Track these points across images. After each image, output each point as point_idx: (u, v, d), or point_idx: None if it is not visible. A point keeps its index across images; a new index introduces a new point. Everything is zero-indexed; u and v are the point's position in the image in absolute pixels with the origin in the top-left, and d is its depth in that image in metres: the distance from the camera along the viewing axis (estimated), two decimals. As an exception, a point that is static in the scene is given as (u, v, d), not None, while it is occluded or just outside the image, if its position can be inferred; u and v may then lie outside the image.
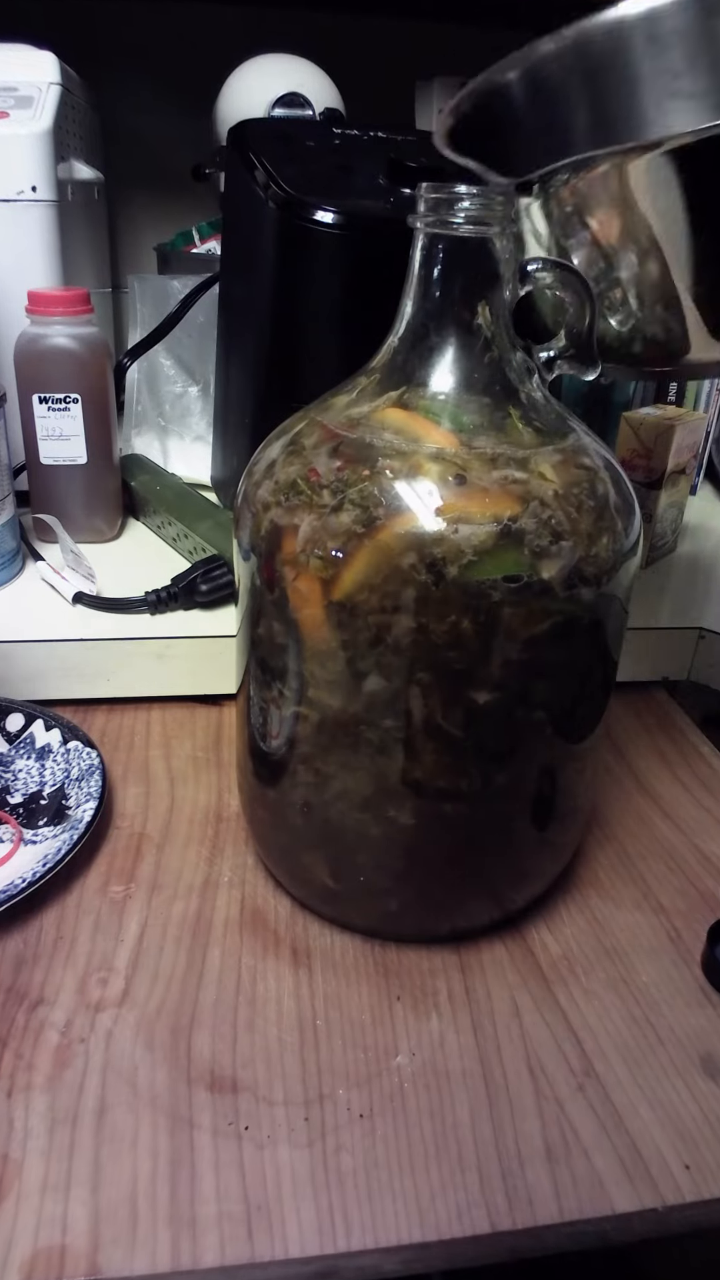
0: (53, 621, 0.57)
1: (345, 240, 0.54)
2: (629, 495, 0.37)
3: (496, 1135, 0.33)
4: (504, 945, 0.41)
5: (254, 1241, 0.30)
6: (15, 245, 0.66)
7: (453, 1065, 0.36)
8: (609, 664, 0.39)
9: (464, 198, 0.33)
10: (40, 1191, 0.31)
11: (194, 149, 0.94)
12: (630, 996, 0.39)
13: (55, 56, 0.70)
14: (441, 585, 0.32)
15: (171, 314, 0.76)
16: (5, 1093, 0.34)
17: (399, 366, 0.36)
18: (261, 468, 0.37)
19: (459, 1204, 0.31)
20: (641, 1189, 0.32)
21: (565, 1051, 0.36)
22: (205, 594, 0.58)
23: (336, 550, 0.33)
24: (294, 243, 0.55)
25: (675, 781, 0.53)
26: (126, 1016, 0.37)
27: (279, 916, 0.42)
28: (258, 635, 0.38)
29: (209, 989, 0.38)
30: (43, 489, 0.66)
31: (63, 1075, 0.34)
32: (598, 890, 0.45)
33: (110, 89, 0.92)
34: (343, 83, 0.84)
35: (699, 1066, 0.36)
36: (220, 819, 0.48)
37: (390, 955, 0.40)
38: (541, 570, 0.33)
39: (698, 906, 0.44)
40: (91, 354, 0.62)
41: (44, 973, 0.39)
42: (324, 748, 0.37)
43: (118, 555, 0.67)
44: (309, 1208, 0.30)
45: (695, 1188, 0.32)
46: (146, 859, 0.45)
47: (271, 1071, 0.35)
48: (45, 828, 0.46)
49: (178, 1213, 0.30)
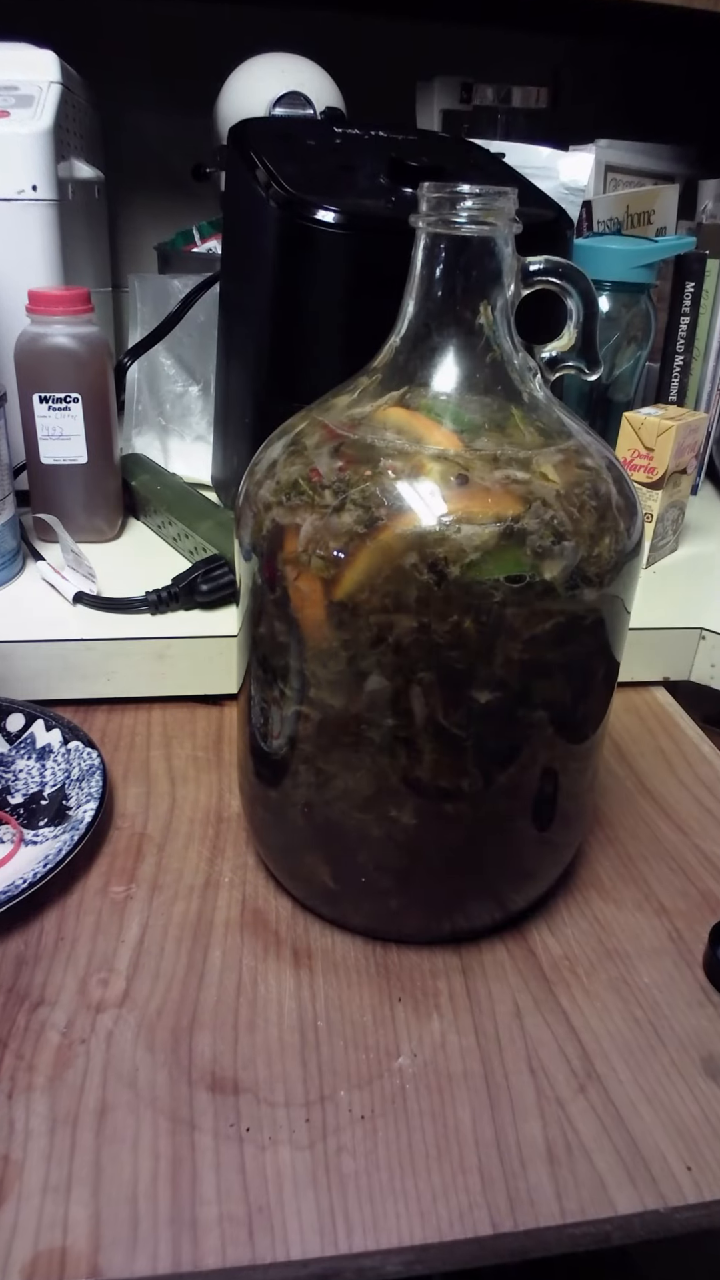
0: (53, 621, 0.57)
1: (346, 240, 0.54)
2: (631, 495, 0.37)
3: (498, 1136, 0.33)
4: (505, 946, 0.41)
5: (255, 1243, 0.29)
6: (15, 245, 0.66)
7: (454, 1066, 0.36)
8: (611, 664, 0.39)
9: (466, 197, 0.33)
10: (41, 1193, 0.30)
11: (194, 149, 0.94)
12: (631, 997, 0.39)
13: (55, 56, 0.70)
14: (443, 585, 0.32)
15: (172, 314, 0.75)
16: (6, 1094, 0.34)
17: (401, 366, 0.36)
18: (263, 467, 0.37)
19: (460, 1205, 0.31)
20: (643, 1190, 0.31)
21: (566, 1052, 0.36)
22: (206, 594, 0.58)
23: (338, 550, 0.33)
24: (294, 242, 0.55)
25: (676, 782, 0.53)
26: (127, 1017, 0.37)
27: (280, 917, 0.42)
28: (259, 635, 0.38)
29: (210, 990, 0.38)
30: (43, 489, 0.66)
31: (63, 1076, 0.34)
32: (599, 891, 0.45)
33: (110, 89, 0.92)
34: (343, 82, 0.84)
35: (700, 1067, 0.36)
36: (221, 819, 0.48)
37: (391, 956, 0.40)
38: (544, 570, 0.33)
39: (699, 907, 0.44)
40: (92, 354, 0.62)
41: (45, 973, 0.39)
42: (325, 747, 0.37)
43: (118, 555, 0.67)
44: (310, 1209, 0.30)
45: (697, 1189, 0.32)
46: (147, 859, 0.45)
47: (273, 1073, 0.35)
48: (46, 828, 0.45)
49: (179, 1214, 0.30)
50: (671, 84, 1.04)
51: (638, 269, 0.70)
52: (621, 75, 1.06)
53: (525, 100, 0.95)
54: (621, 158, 0.89)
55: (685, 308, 0.81)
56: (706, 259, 0.79)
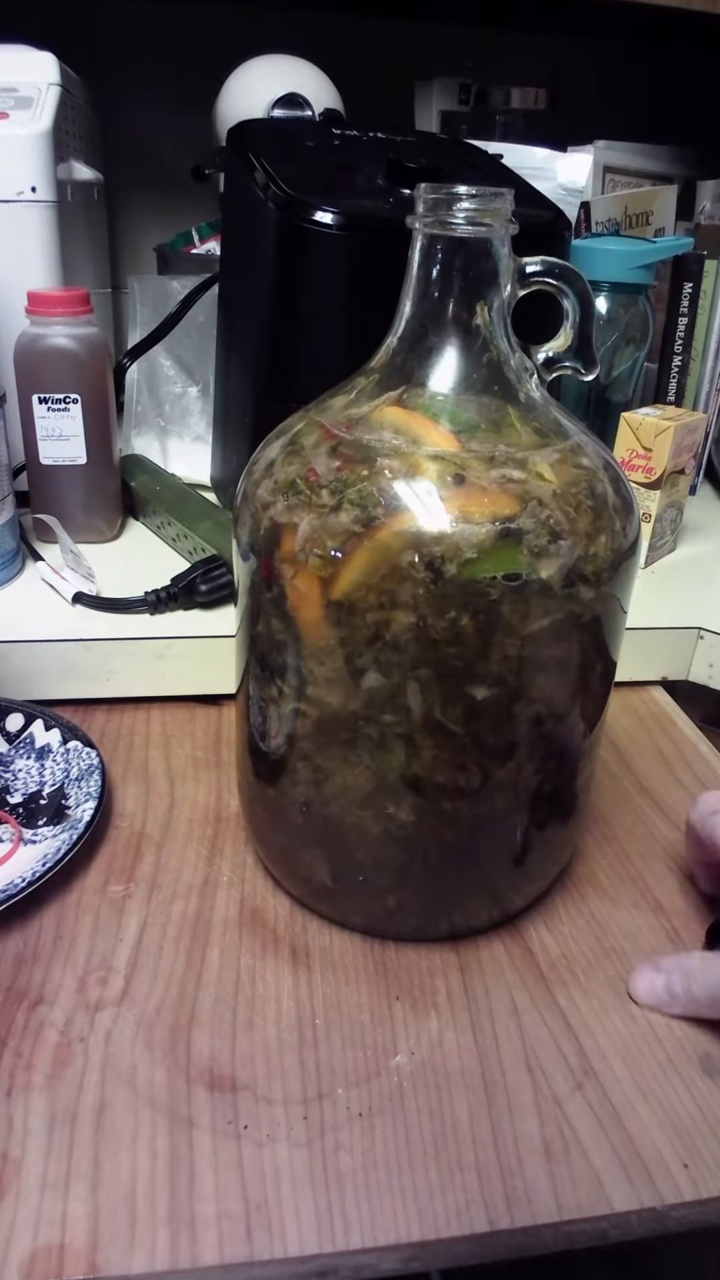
0: (53, 621, 0.57)
1: (344, 240, 0.54)
2: (628, 495, 0.37)
3: (495, 1134, 0.33)
4: (503, 945, 0.41)
5: (253, 1240, 0.30)
6: (15, 245, 0.66)
7: (451, 1064, 0.36)
8: (608, 662, 0.39)
9: (463, 198, 0.33)
10: (39, 1190, 0.31)
11: (194, 149, 0.94)
12: (629, 995, 0.39)
13: (55, 57, 0.70)
14: (440, 583, 0.32)
15: (171, 314, 0.76)
16: (5, 1092, 0.34)
17: (398, 367, 0.36)
18: (261, 467, 0.37)
19: (458, 1203, 0.31)
20: (640, 1188, 0.32)
21: (564, 1050, 0.36)
22: (205, 594, 0.59)
23: (335, 550, 0.33)
24: (293, 243, 0.55)
25: (674, 781, 0.53)
26: (126, 1016, 0.37)
27: (278, 916, 0.42)
28: (257, 633, 0.38)
29: (208, 988, 0.38)
30: (43, 489, 0.66)
31: (62, 1074, 0.34)
32: (596, 890, 0.45)
33: (110, 89, 0.92)
34: (342, 83, 0.84)
35: (697, 1065, 0.36)
36: (220, 819, 0.48)
37: (389, 955, 0.40)
38: (540, 569, 0.33)
39: (696, 906, 0.44)
40: (91, 354, 0.63)
41: (43, 972, 0.39)
42: (323, 745, 0.37)
43: (117, 555, 0.67)
44: (308, 1206, 0.30)
45: (694, 1186, 0.32)
46: (146, 858, 0.45)
47: (270, 1070, 0.35)
48: (45, 827, 0.46)
49: (177, 1211, 0.30)
50: (670, 84, 1.04)
51: (636, 270, 0.70)
52: (620, 75, 1.06)
53: (524, 101, 0.95)
54: (620, 158, 0.89)
55: (683, 308, 0.81)
56: (704, 259, 0.79)
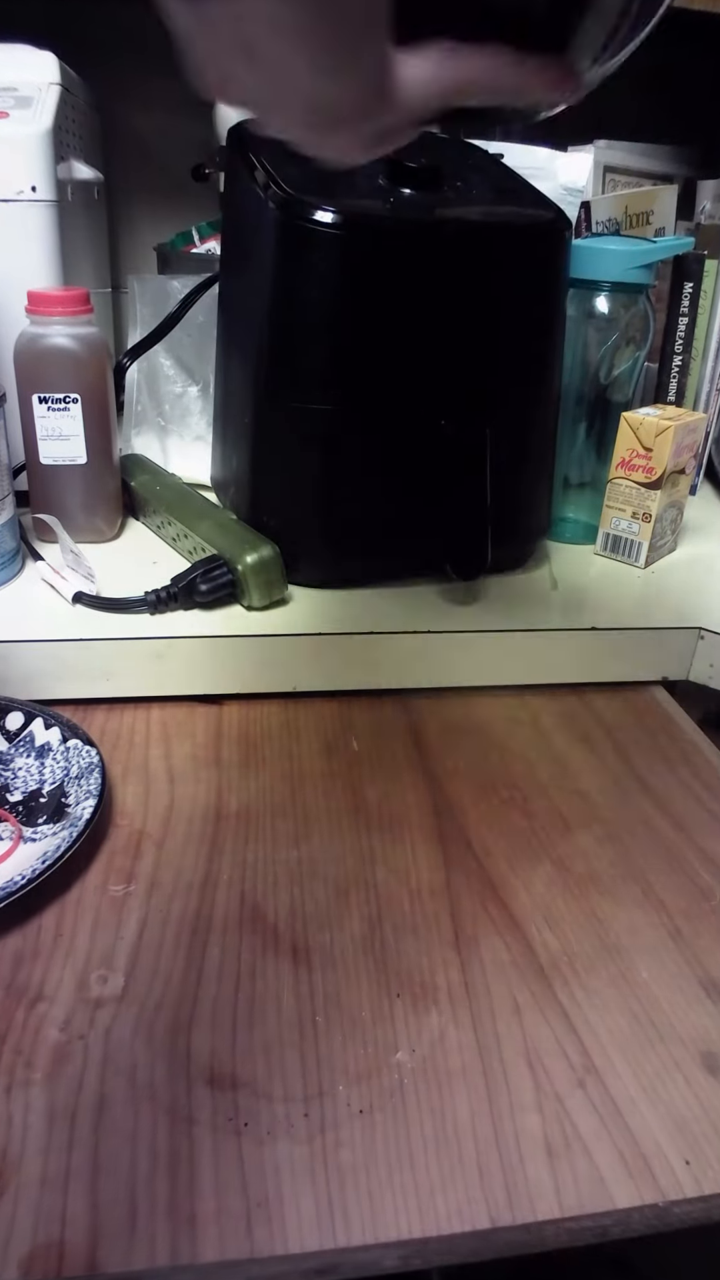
0: (53, 621, 0.57)
1: (344, 240, 0.54)
2: None
3: (496, 1131, 0.33)
4: (504, 942, 0.41)
5: (253, 1237, 0.29)
6: (15, 245, 0.66)
7: (452, 1061, 0.36)
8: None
9: None
10: (39, 1186, 0.30)
11: (194, 149, 0.94)
12: (630, 993, 0.39)
13: (55, 56, 0.71)
14: None
15: (171, 314, 0.76)
16: (5, 1089, 0.34)
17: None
18: None
19: (459, 1200, 0.31)
20: (641, 1185, 0.32)
21: (565, 1048, 0.36)
22: (205, 594, 0.58)
23: None
24: (293, 243, 0.55)
25: (675, 780, 0.53)
26: (126, 1013, 0.37)
27: (278, 914, 0.42)
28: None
29: (208, 986, 0.38)
30: (43, 489, 0.66)
31: (62, 1071, 0.34)
32: (598, 888, 0.45)
33: (110, 89, 0.92)
34: (342, 84, 0.84)
35: (699, 1062, 0.36)
36: (220, 817, 0.48)
37: (390, 952, 0.40)
38: None
39: (697, 904, 0.44)
40: (91, 354, 0.63)
41: (43, 969, 0.39)
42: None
43: (117, 555, 0.67)
44: (308, 1203, 0.30)
45: (695, 1183, 0.32)
46: (146, 857, 0.45)
47: (271, 1068, 0.35)
48: (45, 825, 0.46)
49: (177, 1208, 0.30)
50: (671, 84, 1.04)
51: (636, 269, 0.70)
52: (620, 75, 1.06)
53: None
54: (620, 158, 0.90)
55: (684, 308, 0.81)
56: (705, 259, 0.79)
